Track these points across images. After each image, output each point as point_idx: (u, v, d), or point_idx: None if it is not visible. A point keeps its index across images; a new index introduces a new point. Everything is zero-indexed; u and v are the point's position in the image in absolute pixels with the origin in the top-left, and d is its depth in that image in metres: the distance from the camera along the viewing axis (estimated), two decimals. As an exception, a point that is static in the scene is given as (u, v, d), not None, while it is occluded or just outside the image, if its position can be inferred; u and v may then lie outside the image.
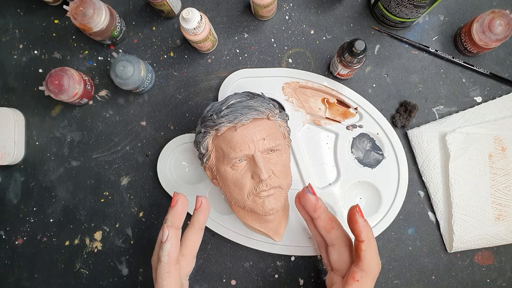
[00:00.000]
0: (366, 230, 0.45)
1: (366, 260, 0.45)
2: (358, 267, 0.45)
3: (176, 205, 0.49)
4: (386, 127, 0.62)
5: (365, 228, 0.45)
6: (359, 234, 0.45)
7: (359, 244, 0.45)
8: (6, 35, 0.65)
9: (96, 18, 0.56)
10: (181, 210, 0.49)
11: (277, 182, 0.51)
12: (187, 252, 0.50)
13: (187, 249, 0.51)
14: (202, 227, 0.52)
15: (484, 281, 0.62)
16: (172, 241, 0.46)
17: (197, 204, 0.51)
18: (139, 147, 0.64)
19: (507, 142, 0.61)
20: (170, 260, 0.45)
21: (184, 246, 0.50)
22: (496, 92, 0.63)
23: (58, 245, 0.64)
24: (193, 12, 0.53)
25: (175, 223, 0.49)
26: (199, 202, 0.51)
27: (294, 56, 0.64)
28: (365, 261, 0.45)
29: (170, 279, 0.46)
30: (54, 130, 0.64)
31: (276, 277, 0.62)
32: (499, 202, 0.60)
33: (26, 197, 0.64)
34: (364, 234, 0.45)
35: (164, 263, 0.45)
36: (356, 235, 0.45)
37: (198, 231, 0.51)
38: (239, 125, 0.50)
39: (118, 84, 0.58)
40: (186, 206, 0.50)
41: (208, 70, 0.64)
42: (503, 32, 0.57)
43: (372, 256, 0.45)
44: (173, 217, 0.49)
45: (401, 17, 0.58)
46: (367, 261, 0.45)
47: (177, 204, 0.49)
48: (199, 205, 0.51)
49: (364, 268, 0.45)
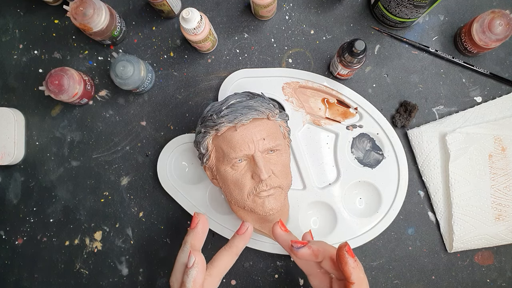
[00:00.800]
0: (356, 272, 0.43)
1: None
2: None
3: (197, 227, 0.48)
4: (386, 127, 0.62)
5: (355, 270, 0.43)
6: (349, 276, 0.43)
7: (349, 286, 0.43)
8: (6, 35, 0.65)
9: (96, 18, 0.56)
10: (202, 232, 0.48)
11: (277, 182, 0.51)
12: (216, 273, 0.48)
13: (216, 270, 0.48)
14: (238, 252, 0.50)
15: (484, 281, 0.62)
16: (199, 267, 0.44)
17: (242, 229, 0.49)
18: (139, 147, 0.64)
19: (507, 142, 0.61)
20: (195, 286, 0.44)
21: (214, 267, 0.48)
22: (496, 92, 0.63)
23: (58, 245, 0.64)
24: (193, 12, 0.53)
25: (195, 246, 0.47)
26: (245, 228, 0.49)
27: (294, 56, 0.64)
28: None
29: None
30: (54, 130, 0.64)
31: (276, 277, 0.62)
32: (499, 202, 0.60)
33: (26, 197, 0.64)
34: (355, 276, 0.43)
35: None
36: (346, 276, 0.43)
37: (234, 256, 0.49)
38: (239, 125, 0.51)
39: (118, 84, 0.58)
40: (207, 227, 0.49)
41: (208, 70, 0.64)
42: (503, 32, 0.57)
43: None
44: (193, 239, 0.48)
45: (401, 17, 0.58)
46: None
47: (198, 226, 0.48)
48: (243, 231, 0.49)
49: None
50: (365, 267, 0.62)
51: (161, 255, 0.63)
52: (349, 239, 0.61)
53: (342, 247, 0.43)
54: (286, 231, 0.50)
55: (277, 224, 0.50)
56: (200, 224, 0.48)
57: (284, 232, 0.50)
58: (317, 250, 0.46)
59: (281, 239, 0.50)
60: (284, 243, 0.49)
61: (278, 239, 0.50)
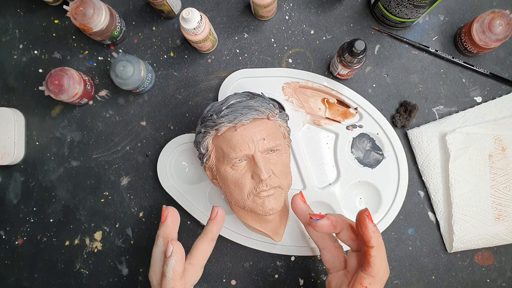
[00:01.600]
0: (376, 236, 0.43)
1: (375, 266, 0.43)
2: (367, 273, 0.44)
3: (167, 220, 0.49)
4: (386, 127, 0.62)
5: (375, 234, 0.43)
6: (369, 240, 0.43)
7: (369, 250, 0.43)
8: (6, 35, 0.65)
9: (96, 18, 0.56)
10: (172, 224, 0.49)
11: (277, 182, 0.51)
12: (196, 262, 0.49)
13: (196, 258, 0.49)
14: (214, 237, 0.51)
15: (484, 281, 0.62)
16: (177, 256, 0.45)
17: (213, 214, 0.50)
18: (139, 147, 0.64)
19: (507, 142, 0.61)
20: (175, 275, 0.45)
21: (193, 255, 0.49)
22: (496, 92, 0.63)
23: (58, 245, 0.64)
24: (193, 12, 0.53)
25: (170, 237, 0.48)
26: (215, 212, 0.50)
27: (294, 56, 0.64)
28: (374, 267, 0.43)
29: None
30: (54, 130, 0.64)
31: (276, 277, 0.62)
32: (499, 202, 0.60)
33: (26, 197, 0.64)
34: (374, 240, 0.43)
35: (169, 279, 0.45)
36: (365, 240, 0.43)
37: (210, 241, 0.50)
38: (239, 125, 0.51)
39: (118, 84, 0.58)
40: (177, 218, 0.50)
41: (208, 70, 0.64)
42: (503, 32, 0.57)
43: (381, 262, 0.44)
44: (165, 232, 0.49)
45: (401, 17, 0.58)
46: (376, 267, 0.43)
47: (167, 218, 0.49)
48: (214, 216, 0.50)
49: (373, 274, 0.43)
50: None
51: (161, 255, 0.63)
52: (349, 239, 0.61)
53: (362, 212, 0.44)
54: (305, 203, 0.51)
55: (298, 196, 0.51)
56: (169, 216, 0.49)
57: (303, 204, 0.50)
58: (336, 221, 0.46)
59: (300, 211, 0.50)
60: (302, 214, 0.50)
61: (297, 210, 0.50)
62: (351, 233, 0.47)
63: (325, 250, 0.50)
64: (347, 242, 0.47)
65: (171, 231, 0.49)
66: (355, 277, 0.45)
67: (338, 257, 0.49)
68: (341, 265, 0.49)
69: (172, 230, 0.49)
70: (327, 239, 0.49)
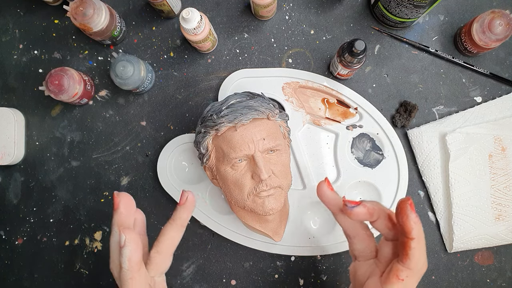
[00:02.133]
0: (417, 227, 0.40)
1: (414, 258, 0.40)
2: (405, 266, 0.41)
3: (119, 208, 0.45)
4: (386, 127, 0.62)
5: (417, 225, 0.40)
6: (409, 231, 0.40)
7: (409, 241, 0.40)
8: (6, 35, 0.65)
9: (96, 18, 0.56)
10: (125, 211, 0.45)
11: (277, 182, 0.51)
12: (164, 249, 0.46)
13: (164, 245, 0.46)
14: (184, 224, 0.46)
15: (484, 281, 0.62)
16: (132, 245, 0.41)
17: (182, 199, 0.46)
18: (139, 147, 0.64)
19: (507, 142, 0.61)
20: (131, 266, 0.41)
21: (160, 242, 0.46)
22: (496, 92, 0.63)
23: (58, 245, 0.64)
24: (193, 12, 0.53)
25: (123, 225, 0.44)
26: (184, 197, 0.46)
27: (294, 56, 0.64)
28: (413, 259, 0.40)
29: (134, 285, 0.42)
30: (54, 130, 0.64)
31: (276, 277, 0.62)
32: (499, 202, 0.60)
33: (26, 197, 0.64)
34: (416, 231, 0.40)
35: (125, 270, 0.41)
36: (406, 231, 0.40)
37: (179, 228, 0.46)
38: (239, 125, 0.51)
39: (118, 84, 0.58)
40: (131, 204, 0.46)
41: (208, 70, 0.64)
42: (503, 32, 0.57)
43: (421, 254, 0.41)
44: (119, 220, 0.44)
45: (401, 17, 0.58)
46: (415, 260, 0.40)
47: (120, 206, 0.45)
48: (184, 201, 0.46)
49: (411, 266, 0.40)
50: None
51: (161, 255, 0.63)
52: (349, 239, 0.61)
53: (404, 200, 0.40)
54: (332, 190, 0.46)
55: (324, 183, 0.46)
56: (121, 204, 0.45)
57: (331, 192, 0.46)
58: (373, 209, 0.43)
59: (327, 199, 0.46)
60: (331, 202, 0.46)
61: (324, 198, 0.46)
62: (388, 221, 0.43)
63: (355, 238, 0.46)
64: (383, 231, 0.44)
65: (125, 219, 0.45)
66: (391, 269, 0.42)
67: (369, 245, 0.46)
68: (371, 254, 0.46)
69: (126, 217, 0.45)
70: (359, 227, 0.46)
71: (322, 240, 0.61)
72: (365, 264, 0.46)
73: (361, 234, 0.46)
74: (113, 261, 0.45)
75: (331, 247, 0.61)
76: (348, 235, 0.47)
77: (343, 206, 0.43)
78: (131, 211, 0.46)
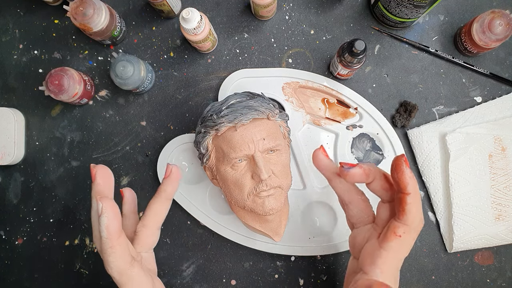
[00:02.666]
0: (412, 182, 0.40)
1: (411, 214, 0.40)
2: (401, 222, 0.41)
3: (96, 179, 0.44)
4: (386, 127, 0.62)
5: (412, 180, 0.40)
6: (405, 186, 0.40)
7: (404, 197, 0.40)
8: (6, 35, 0.65)
9: (96, 18, 0.56)
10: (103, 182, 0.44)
11: (277, 182, 0.51)
12: (150, 223, 0.46)
13: (150, 219, 0.46)
14: (169, 197, 0.47)
15: (484, 281, 0.62)
16: (108, 212, 0.40)
17: (167, 172, 0.47)
18: (139, 147, 0.64)
19: (507, 142, 0.61)
20: (110, 234, 0.40)
21: (146, 216, 0.46)
22: (496, 92, 0.63)
23: (58, 245, 0.64)
24: (193, 12, 0.53)
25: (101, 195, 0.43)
26: (169, 170, 0.47)
27: (294, 56, 0.64)
28: (409, 215, 0.40)
29: (115, 254, 0.41)
30: (54, 130, 0.64)
31: (276, 277, 0.62)
32: (499, 202, 0.60)
33: (26, 197, 0.64)
34: (411, 187, 0.40)
35: (104, 239, 0.40)
36: (401, 187, 0.40)
37: (165, 201, 0.47)
38: (239, 125, 0.51)
39: (118, 84, 0.58)
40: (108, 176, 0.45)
41: (208, 70, 0.64)
42: (503, 32, 0.57)
43: (417, 210, 0.41)
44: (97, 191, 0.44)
45: (401, 17, 0.58)
46: (412, 215, 0.40)
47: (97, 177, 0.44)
48: (168, 174, 0.47)
49: (408, 222, 0.40)
50: (365, 267, 0.62)
51: (161, 255, 0.63)
52: (349, 239, 0.61)
53: (399, 157, 0.40)
54: (328, 157, 0.47)
55: (319, 150, 0.47)
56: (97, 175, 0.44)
57: (327, 159, 0.47)
58: (368, 169, 0.43)
59: (323, 166, 0.47)
60: (326, 169, 0.46)
61: (320, 165, 0.47)
62: (384, 182, 0.43)
63: (351, 204, 0.46)
64: (379, 192, 0.44)
65: (103, 189, 0.44)
66: (388, 226, 0.42)
67: (365, 210, 0.46)
68: (368, 219, 0.46)
69: (104, 187, 0.44)
70: (354, 193, 0.46)
71: (322, 240, 0.61)
72: (363, 229, 0.46)
73: (357, 199, 0.46)
74: (95, 235, 0.44)
75: (331, 247, 0.61)
76: (344, 201, 0.47)
77: (339, 168, 0.43)
78: (109, 182, 0.45)
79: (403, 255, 0.42)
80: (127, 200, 0.49)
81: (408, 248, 0.42)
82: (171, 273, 0.63)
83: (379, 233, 0.44)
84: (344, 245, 0.61)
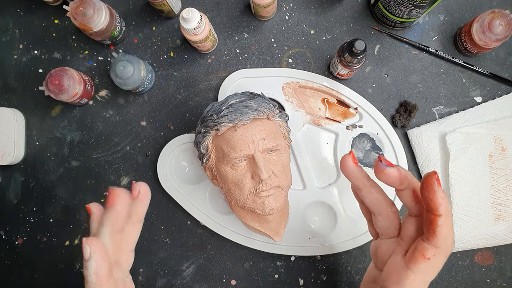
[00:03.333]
0: (445, 203, 0.37)
1: (441, 236, 0.37)
2: (431, 244, 0.38)
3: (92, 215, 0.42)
4: (386, 127, 0.62)
5: (445, 201, 0.37)
6: (436, 207, 0.36)
7: (436, 218, 0.37)
8: (6, 35, 0.65)
9: (96, 18, 0.56)
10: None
11: (277, 182, 0.51)
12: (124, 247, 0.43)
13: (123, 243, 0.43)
14: (141, 219, 0.43)
15: (484, 281, 0.62)
16: (97, 257, 0.37)
17: (134, 192, 0.42)
18: (139, 147, 0.64)
19: (507, 142, 0.61)
20: (99, 279, 0.38)
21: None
22: (496, 92, 0.63)
23: (58, 245, 0.64)
24: (193, 12, 0.53)
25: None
26: (136, 190, 0.42)
27: (294, 56, 0.64)
28: (440, 237, 0.37)
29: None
30: (54, 130, 0.64)
31: (276, 277, 0.62)
32: (499, 202, 0.60)
33: (26, 197, 0.64)
34: (443, 208, 0.37)
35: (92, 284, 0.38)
36: (432, 208, 0.37)
37: (136, 224, 0.43)
38: (239, 125, 0.51)
39: (118, 84, 0.58)
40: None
41: (208, 70, 0.64)
42: (503, 32, 0.57)
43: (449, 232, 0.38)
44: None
45: (401, 17, 0.58)
46: (442, 238, 0.37)
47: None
48: (136, 194, 0.42)
49: (438, 244, 0.37)
50: (365, 268, 0.62)
51: (161, 255, 0.63)
52: (349, 239, 0.61)
53: (431, 175, 0.37)
54: (357, 164, 0.43)
55: (348, 156, 0.43)
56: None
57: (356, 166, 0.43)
58: (405, 177, 0.40)
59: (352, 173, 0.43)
60: (356, 176, 0.43)
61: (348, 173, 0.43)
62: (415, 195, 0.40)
63: (380, 215, 0.43)
64: (409, 204, 0.41)
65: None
66: (415, 247, 0.39)
67: (394, 223, 0.43)
68: (395, 232, 0.43)
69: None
70: (384, 204, 0.43)
71: (322, 240, 0.61)
72: (387, 242, 0.43)
73: (386, 211, 0.43)
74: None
75: (331, 247, 0.61)
76: (372, 211, 0.44)
77: (376, 162, 0.40)
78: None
79: (430, 277, 0.39)
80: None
81: (436, 271, 0.39)
82: (171, 273, 0.63)
83: (405, 250, 0.41)
84: (344, 245, 0.61)
